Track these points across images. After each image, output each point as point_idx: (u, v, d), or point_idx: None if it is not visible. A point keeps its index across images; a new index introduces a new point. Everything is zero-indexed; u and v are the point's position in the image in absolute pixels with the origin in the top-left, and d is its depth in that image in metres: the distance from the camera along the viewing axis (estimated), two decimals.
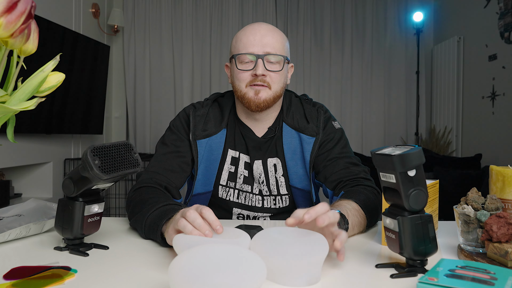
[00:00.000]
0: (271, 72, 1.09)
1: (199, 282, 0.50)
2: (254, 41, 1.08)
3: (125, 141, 0.78)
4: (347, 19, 4.30)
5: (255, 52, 1.08)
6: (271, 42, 1.09)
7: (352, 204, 0.93)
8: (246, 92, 1.10)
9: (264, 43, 1.08)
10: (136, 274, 0.69)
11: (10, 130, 0.61)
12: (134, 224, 0.92)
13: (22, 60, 0.60)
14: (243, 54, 1.09)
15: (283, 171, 1.18)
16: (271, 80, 1.10)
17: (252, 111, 1.12)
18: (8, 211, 0.97)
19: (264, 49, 1.08)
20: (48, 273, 0.68)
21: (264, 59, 1.08)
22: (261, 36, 1.09)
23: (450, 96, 3.96)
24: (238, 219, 1.20)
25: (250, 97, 1.10)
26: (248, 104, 1.11)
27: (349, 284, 0.66)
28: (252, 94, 1.10)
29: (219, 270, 0.52)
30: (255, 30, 1.10)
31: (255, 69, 1.08)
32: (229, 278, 0.51)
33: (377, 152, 0.69)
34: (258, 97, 1.09)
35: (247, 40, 1.09)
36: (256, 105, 1.10)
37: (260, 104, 1.10)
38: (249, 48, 1.08)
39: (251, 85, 1.09)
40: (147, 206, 0.91)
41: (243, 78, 1.10)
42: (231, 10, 4.14)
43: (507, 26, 3.17)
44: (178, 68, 4.09)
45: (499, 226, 0.71)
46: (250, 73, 1.09)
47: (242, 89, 1.11)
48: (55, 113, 2.86)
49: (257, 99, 1.09)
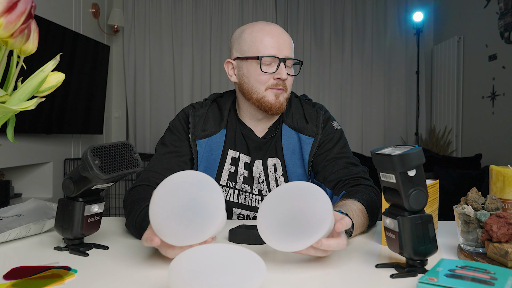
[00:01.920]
0: (290, 76, 1.12)
1: (199, 282, 0.50)
2: (276, 43, 1.09)
3: (125, 141, 0.78)
4: (347, 19, 4.30)
5: (278, 55, 1.08)
6: (289, 46, 1.11)
7: (357, 204, 0.93)
8: (265, 95, 1.10)
9: (285, 46, 1.10)
10: (136, 274, 0.69)
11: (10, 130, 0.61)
12: (128, 225, 0.93)
13: (22, 60, 0.60)
14: (266, 57, 1.08)
15: (282, 171, 1.18)
16: (288, 83, 1.12)
17: (272, 114, 1.12)
18: (8, 211, 0.97)
19: (285, 52, 1.09)
20: (48, 273, 0.68)
21: (285, 63, 1.09)
22: (282, 39, 1.10)
23: (450, 96, 3.96)
24: (238, 219, 1.20)
25: (271, 101, 1.10)
26: (269, 108, 1.11)
27: (349, 284, 0.66)
28: (273, 98, 1.10)
29: (219, 270, 0.52)
30: (275, 32, 1.10)
31: (278, 72, 1.08)
32: (229, 278, 0.51)
33: (377, 152, 0.69)
34: (279, 100, 1.10)
35: (268, 42, 1.09)
36: (277, 108, 1.11)
37: (280, 107, 1.11)
38: (272, 50, 1.08)
39: (272, 89, 1.10)
40: (137, 206, 0.91)
41: (264, 81, 1.10)
42: (231, 10, 4.14)
43: (507, 26, 3.17)
44: (178, 68, 4.09)
45: (499, 226, 0.71)
46: (270, 76, 1.09)
47: (260, 92, 1.10)
48: (55, 113, 2.86)
49: (277, 103, 1.10)
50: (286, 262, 0.75)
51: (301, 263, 0.74)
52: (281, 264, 0.74)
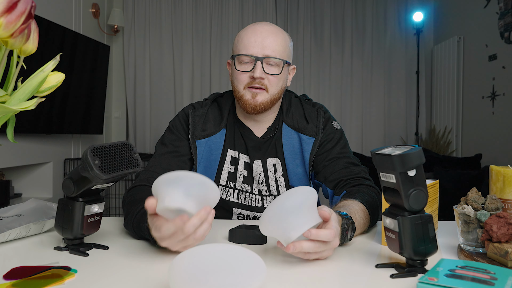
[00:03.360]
0: (270, 75, 1.09)
1: (199, 282, 0.50)
2: (254, 42, 1.08)
3: (125, 141, 0.78)
4: (347, 19, 4.30)
5: (254, 54, 1.08)
6: (271, 44, 1.08)
7: (359, 204, 0.93)
8: (244, 94, 1.11)
9: (265, 45, 1.08)
10: (136, 274, 0.69)
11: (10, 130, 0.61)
12: (126, 225, 0.93)
13: (22, 60, 0.60)
14: (242, 55, 1.09)
15: (282, 171, 1.18)
16: (269, 83, 1.10)
17: (248, 113, 1.12)
18: (8, 211, 0.97)
19: (264, 51, 1.08)
20: (48, 273, 0.68)
21: (263, 62, 1.08)
22: (262, 38, 1.08)
23: (450, 96, 3.96)
24: (238, 219, 1.20)
25: (247, 100, 1.10)
26: (244, 106, 1.11)
27: (349, 284, 0.66)
28: (249, 97, 1.10)
29: (219, 270, 0.52)
30: (256, 31, 1.10)
31: (253, 71, 1.08)
32: (229, 278, 0.51)
33: (377, 152, 0.69)
34: (255, 100, 1.10)
35: (247, 41, 1.09)
36: (252, 108, 1.11)
37: (256, 107, 1.10)
38: (249, 49, 1.08)
39: (249, 88, 1.10)
40: (135, 206, 0.91)
41: (241, 79, 1.10)
42: (231, 10, 4.14)
43: (507, 26, 3.17)
44: (178, 68, 4.09)
45: (499, 226, 0.71)
46: (248, 75, 1.09)
47: (240, 91, 1.11)
48: (55, 113, 2.86)
49: (253, 102, 1.10)
50: (286, 262, 0.75)
51: (301, 263, 0.74)
52: (281, 264, 0.74)
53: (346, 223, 0.82)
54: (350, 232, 0.84)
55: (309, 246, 0.71)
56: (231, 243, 0.88)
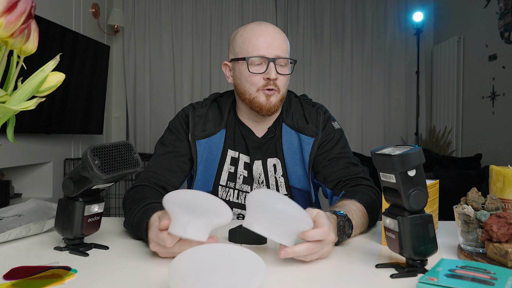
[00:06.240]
0: (281, 75, 1.10)
1: (199, 282, 0.50)
2: (265, 43, 1.08)
3: (125, 141, 0.78)
4: (347, 19, 4.30)
5: (267, 55, 1.08)
6: (280, 45, 1.09)
7: (357, 204, 0.93)
8: (257, 96, 1.10)
9: (275, 45, 1.08)
10: (136, 274, 0.69)
11: (10, 130, 0.61)
12: (125, 225, 0.93)
13: (22, 60, 0.60)
14: (255, 57, 1.08)
15: (282, 171, 1.18)
16: (280, 83, 1.10)
17: (263, 115, 1.12)
18: (8, 211, 0.97)
19: (275, 52, 1.08)
20: (48, 273, 0.68)
21: (275, 63, 1.08)
22: (272, 38, 1.09)
23: (450, 96, 3.96)
24: (238, 219, 1.20)
25: (262, 102, 1.10)
26: (259, 109, 1.11)
27: (349, 284, 0.66)
28: (264, 99, 1.10)
29: (219, 270, 0.52)
30: (264, 32, 1.10)
31: (267, 72, 1.08)
32: (229, 278, 0.51)
33: (377, 152, 0.69)
34: (269, 101, 1.10)
35: (257, 42, 1.08)
36: (267, 110, 1.10)
37: (271, 108, 1.11)
38: (261, 50, 1.08)
39: (263, 90, 1.09)
40: (135, 206, 0.91)
41: (254, 82, 1.09)
42: (231, 10, 4.14)
43: (507, 26, 3.17)
44: (178, 68, 4.09)
45: (499, 226, 0.71)
46: (261, 77, 1.09)
47: (252, 93, 1.10)
48: (55, 113, 2.86)
49: (268, 104, 1.10)
50: (286, 262, 0.75)
51: (301, 263, 0.74)
52: (281, 264, 0.74)
53: (342, 220, 0.82)
54: (348, 229, 0.84)
55: (302, 249, 0.71)
56: (231, 243, 0.88)
